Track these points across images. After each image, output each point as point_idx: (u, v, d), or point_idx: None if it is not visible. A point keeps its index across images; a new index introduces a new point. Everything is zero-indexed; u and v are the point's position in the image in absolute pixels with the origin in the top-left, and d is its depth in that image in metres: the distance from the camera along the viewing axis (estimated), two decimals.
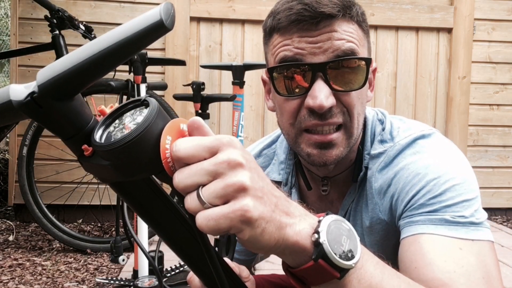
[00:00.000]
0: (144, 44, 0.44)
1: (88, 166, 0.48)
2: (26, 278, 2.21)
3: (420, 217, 0.76)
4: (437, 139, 0.85)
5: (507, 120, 3.44)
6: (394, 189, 0.83)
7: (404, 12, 3.30)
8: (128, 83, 1.98)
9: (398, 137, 0.86)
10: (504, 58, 3.41)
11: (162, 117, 0.46)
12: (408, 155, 0.83)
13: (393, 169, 0.84)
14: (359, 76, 0.79)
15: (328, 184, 0.91)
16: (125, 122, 0.47)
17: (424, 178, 0.79)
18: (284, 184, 0.97)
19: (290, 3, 0.79)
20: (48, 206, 2.65)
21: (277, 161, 0.98)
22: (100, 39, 0.44)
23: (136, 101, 0.49)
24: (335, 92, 0.78)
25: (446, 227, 0.74)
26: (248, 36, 3.24)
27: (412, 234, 0.76)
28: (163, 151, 0.45)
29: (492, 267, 0.72)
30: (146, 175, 0.47)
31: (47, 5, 2.45)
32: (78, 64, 0.43)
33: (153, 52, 3.09)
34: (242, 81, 2.32)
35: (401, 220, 0.80)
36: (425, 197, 0.77)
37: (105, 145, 0.44)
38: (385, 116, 0.93)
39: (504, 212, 3.47)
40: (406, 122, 0.91)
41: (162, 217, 0.53)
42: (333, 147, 0.80)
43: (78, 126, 0.46)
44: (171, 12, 0.43)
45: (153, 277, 1.72)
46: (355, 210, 0.90)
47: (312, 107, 0.76)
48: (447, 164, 0.80)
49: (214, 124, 3.23)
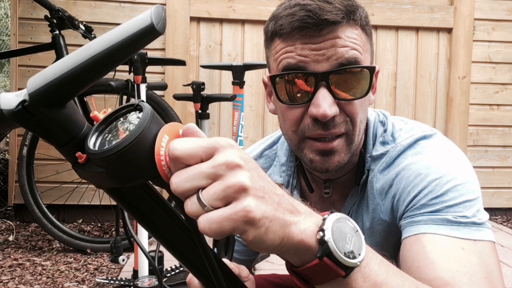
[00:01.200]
0: (135, 49, 0.43)
1: (82, 173, 0.47)
2: (26, 278, 2.21)
3: (422, 217, 0.76)
4: (438, 140, 0.85)
5: (507, 120, 3.44)
6: (395, 190, 0.83)
7: (404, 12, 3.30)
8: (128, 83, 1.98)
9: (400, 138, 0.86)
10: (504, 58, 3.41)
11: (156, 121, 0.46)
12: (410, 156, 0.83)
13: (395, 170, 0.84)
14: (363, 84, 0.78)
15: (330, 187, 0.91)
16: (119, 128, 0.46)
17: (425, 178, 0.79)
18: (285, 186, 0.97)
19: (293, 8, 0.77)
20: (48, 206, 2.65)
21: (278, 163, 0.98)
22: (91, 45, 0.43)
23: (129, 106, 0.48)
24: (338, 101, 0.77)
25: (448, 227, 0.74)
26: (248, 36, 3.24)
27: (414, 234, 0.76)
28: (158, 153, 0.45)
29: (494, 267, 0.72)
30: (142, 180, 0.47)
31: (47, 5, 2.45)
32: (69, 71, 0.42)
33: (153, 52, 3.09)
34: (242, 81, 2.32)
35: (403, 220, 0.80)
36: (427, 197, 0.77)
37: (99, 152, 0.44)
38: (387, 117, 0.92)
39: (504, 212, 3.47)
40: (408, 123, 0.91)
41: (159, 221, 0.52)
42: (335, 153, 0.80)
43: (71, 133, 0.46)
44: (162, 16, 0.43)
45: (153, 277, 1.72)
46: (357, 211, 0.90)
47: (316, 116, 0.76)
48: (448, 165, 0.80)
49: (214, 124, 3.23)
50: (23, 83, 2.97)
